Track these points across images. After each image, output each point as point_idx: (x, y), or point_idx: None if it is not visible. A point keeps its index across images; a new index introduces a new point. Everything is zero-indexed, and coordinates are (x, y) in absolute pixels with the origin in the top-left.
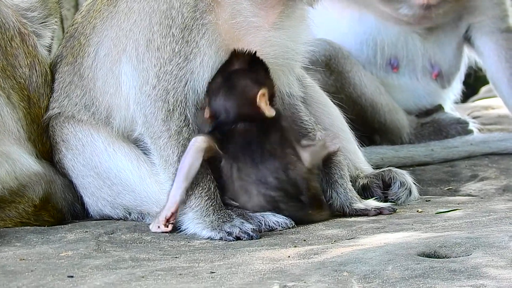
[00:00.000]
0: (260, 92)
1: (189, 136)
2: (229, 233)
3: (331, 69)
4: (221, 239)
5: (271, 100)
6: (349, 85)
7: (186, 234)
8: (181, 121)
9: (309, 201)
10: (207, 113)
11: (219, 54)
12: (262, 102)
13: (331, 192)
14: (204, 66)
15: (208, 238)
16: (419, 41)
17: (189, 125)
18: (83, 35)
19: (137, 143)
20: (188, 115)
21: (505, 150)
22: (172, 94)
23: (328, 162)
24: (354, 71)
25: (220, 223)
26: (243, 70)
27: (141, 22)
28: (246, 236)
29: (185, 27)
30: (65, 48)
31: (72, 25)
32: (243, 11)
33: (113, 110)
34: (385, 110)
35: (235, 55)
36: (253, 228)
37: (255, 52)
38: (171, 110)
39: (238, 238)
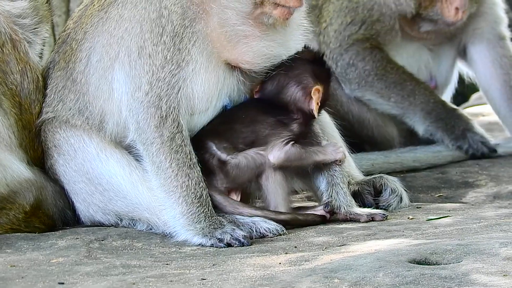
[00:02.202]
0: (317, 86)
1: (182, 142)
2: (220, 240)
3: None
4: (212, 245)
5: (322, 104)
6: (336, 102)
7: (177, 241)
8: (174, 128)
9: None
10: (257, 88)
11: (211, 61)
12: (315, 96)
13: (332, 191)
14: (196, 73)
15: (199, 244)
16: (428, 55)
17: (182, 131)
18: (75, 41)
19: (129, 149)
20: (181, 121)
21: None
22: (165, 101)
23: (332, 167)
24: (341, 88)
25: (211, 230)
26: (309, 62)
27: (133, 30)
28: (237, 243)
29: (176, 34)
30: (58, 53)
31: (64, 31)
32: (229, 20)
33: (106, 115)
34: (373, 125)
35: (306, 49)
36: (244, 235)
37: (323, 54)
38: (164, 116)
39: (229, 245)
